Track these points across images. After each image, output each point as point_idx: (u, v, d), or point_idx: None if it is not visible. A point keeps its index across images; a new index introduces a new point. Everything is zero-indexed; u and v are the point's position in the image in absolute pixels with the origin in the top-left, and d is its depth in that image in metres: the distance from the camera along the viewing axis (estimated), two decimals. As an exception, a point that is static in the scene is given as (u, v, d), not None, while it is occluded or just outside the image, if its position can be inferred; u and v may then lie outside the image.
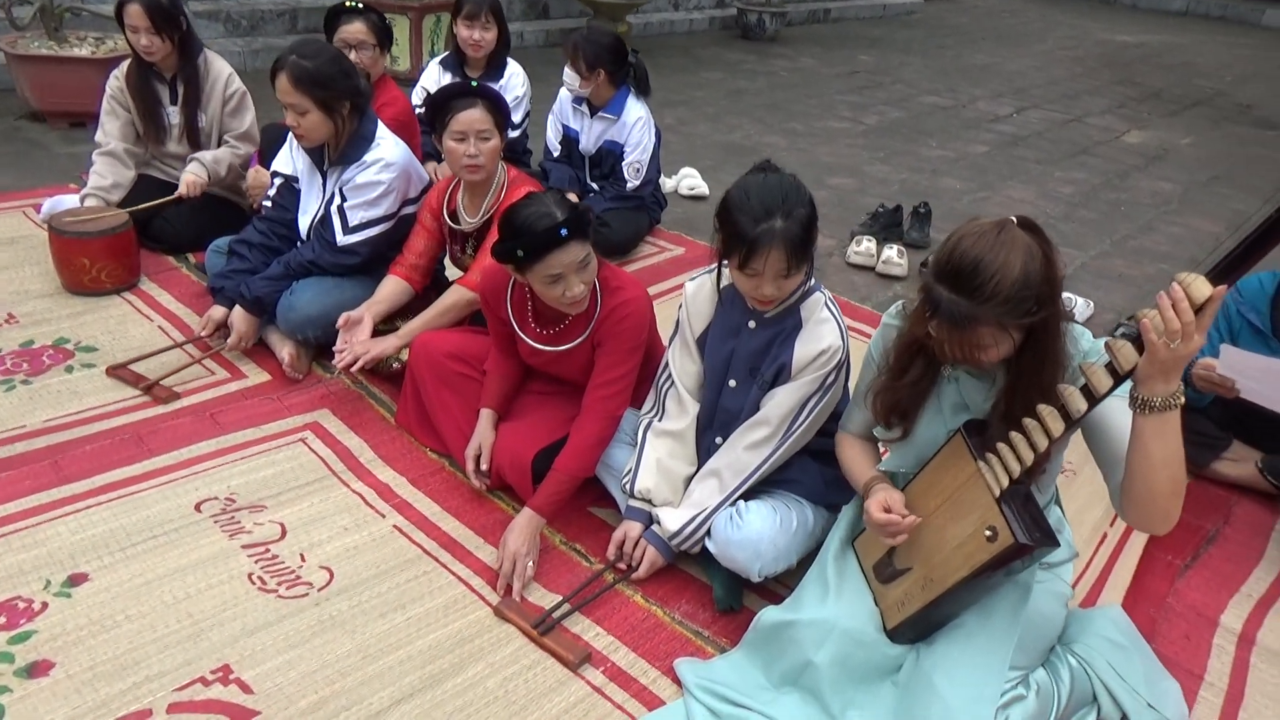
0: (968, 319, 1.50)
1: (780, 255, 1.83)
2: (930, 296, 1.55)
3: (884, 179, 5.33)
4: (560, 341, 2.26)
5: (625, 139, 3.85)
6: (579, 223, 2.00)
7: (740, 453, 2.08)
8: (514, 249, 1.99)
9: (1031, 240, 1.53)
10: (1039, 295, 1.50)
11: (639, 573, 2.13)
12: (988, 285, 1.47)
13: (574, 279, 2.03)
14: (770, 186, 1.85)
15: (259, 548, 2.15)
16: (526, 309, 2.26)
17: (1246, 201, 5.47)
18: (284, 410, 2.67)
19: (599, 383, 2.21)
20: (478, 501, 2.37)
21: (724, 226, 1.89)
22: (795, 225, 1.83)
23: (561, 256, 1.99)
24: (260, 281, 2.80)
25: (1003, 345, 1.55)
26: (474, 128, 2.48)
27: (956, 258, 1.51)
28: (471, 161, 2.50)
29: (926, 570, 1.77)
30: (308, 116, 2.64)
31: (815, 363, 2.00)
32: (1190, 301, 1.34)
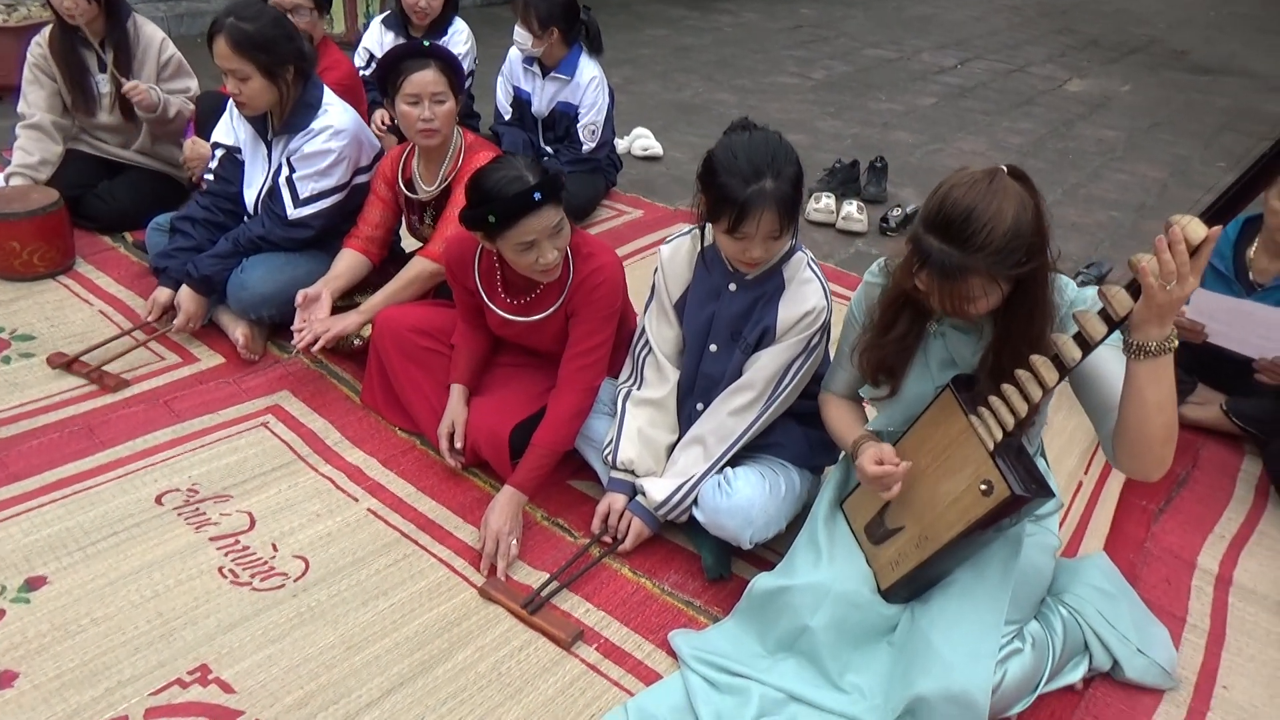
0: (959, 270, 1.47)
1: (772, 217, 1.78)
2: (920, 247, 1.52)
3: (836, 134, 5.30)
4: (532, 311, 2.18)
5: (579, 100, 3.75)
6: (552, 186, 1.92)
7: (724, 419, 2.04)
8: (484, 214, 1.90)
9: (1022, 190, 1.50)
10: (1030, 245, 1.49)
11: (625, 545, 2.09)
12: (979, 235, 1.45)
13: (547, 245, 1.96)
14: (757, 145, 1.79)
15: (228, 539, 2.05)
16: (495, 278, 2.18)
17: (1187, 147, 5.56)
18: (242, 394, 2.56)
19: (574, 353, 2.14)
20: (454, 480, 2.30)
21: (710, 189, 1.83)
22: (785, 185, 1.78)
23: (534, 222, 1.91)
24: (207, 260, 2.66)
25: (992, 296, 1.53)
26: (428, 90, 2.37)
27: (948, 207, 1.48)
28: (427, 126, 2.40)
29: (920, 528, 1.76)
30: (249, 83, 2.50)
31: (800, 324, 1.96)
32: (1186, 243, 1.33)
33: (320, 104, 2.67)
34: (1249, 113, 6.34)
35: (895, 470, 1.69)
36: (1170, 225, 1.34)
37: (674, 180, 4.39)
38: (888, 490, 1.72)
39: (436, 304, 2.47)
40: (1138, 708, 1.81)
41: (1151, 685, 1.84)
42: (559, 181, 1.95)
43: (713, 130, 5.28)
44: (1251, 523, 2.35)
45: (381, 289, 2.52)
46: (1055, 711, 1.78)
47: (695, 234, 2.08)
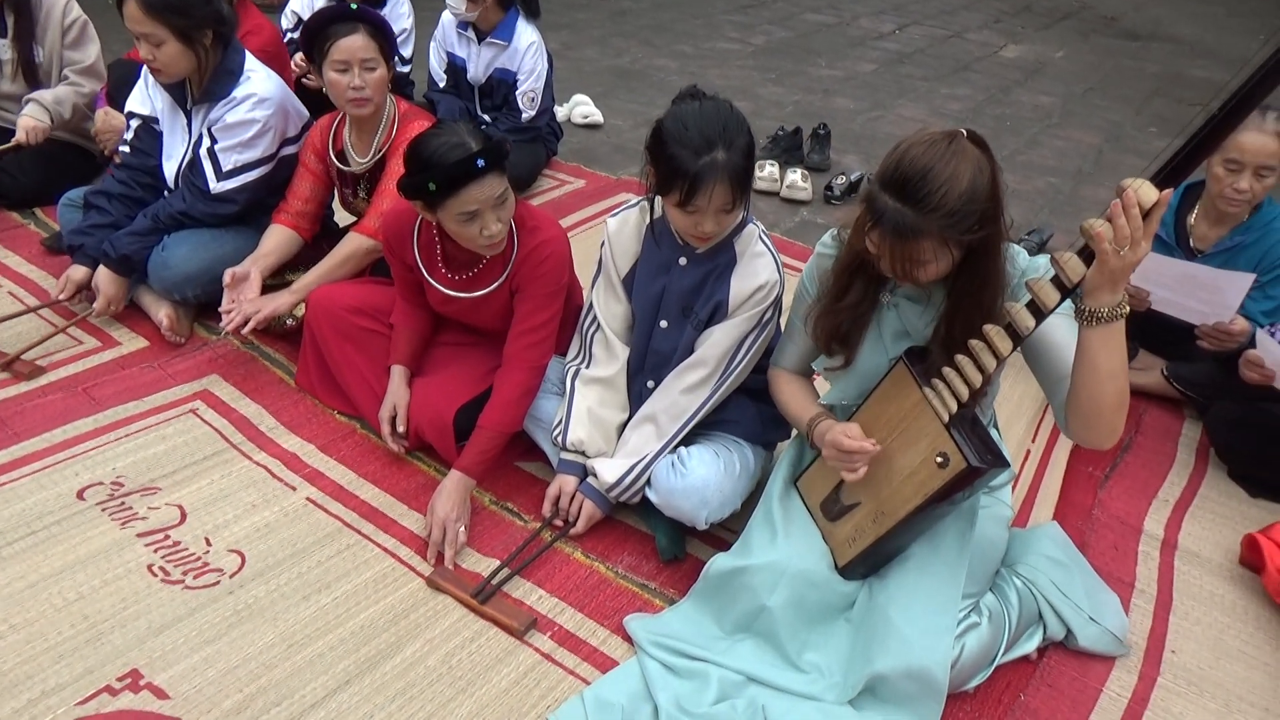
0: (911, 230, 1.45)
1: (725, 189, 1.73)
2: (874, 205, 1.50)
3: (778, 101, 5.25)
4: (474, 287, 2.10)
5: (518, 66, 3.63)
6: (495, 153, 1.83)
7: (677, 396, 1.98)
8: (424, 182, 1.81)
9: (980, 155, 1.48)
10: (983, 211, 1.47)
11: (577, 528, 2.03)
12: (935, 195, 1.42)
13: (490, 217, 1.87)
14: (709, 115, 1.73)
15: (157, 535, 1.94)
16: (435, 252, 2.08)
17: (1120, 113, 5.64)
18: (168, 379, 2.42)
19: (521, 330, 2.07)
20: (396, 465, 2.21)
21: (660, 161, 1.76)
22: (738, 156, 1.73)
23: (477, 191, 1.82)
24: (126, 237, 2.51)
25: (942, 262, 1.51)
26: (357, 56, 2.25)
27: (905, 165, 1.46)
28: (357, 95, 2.28)
29: (876, 504, 1.73)
30: (164, 48, 2.35)
31: (753, 299, 1.91)
32: (1139, 206, 1.32)
33: (242, 71, 2.52)
34: (1177, 79, 6.45)
35: (868, 449, 1.66)
36: (1123, 189, 1.32)
37: (615, 149, 4.30)
38: (854, 470, 1.69)
39: (373, 281, 2.36)
40: (1090, 675, 1.82)
41: (1104, 653, 1.86)
42: (503, 149, 1.86)
43: (653, 97, 5.22)
44: (1193, 486, 2.39)
45: (315, 267, 2.40)
46: (1011, 682, 1.79)
47: (643, 206, 2.01)
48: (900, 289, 1.73)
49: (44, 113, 3.02)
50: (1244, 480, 2.40)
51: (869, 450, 1.67)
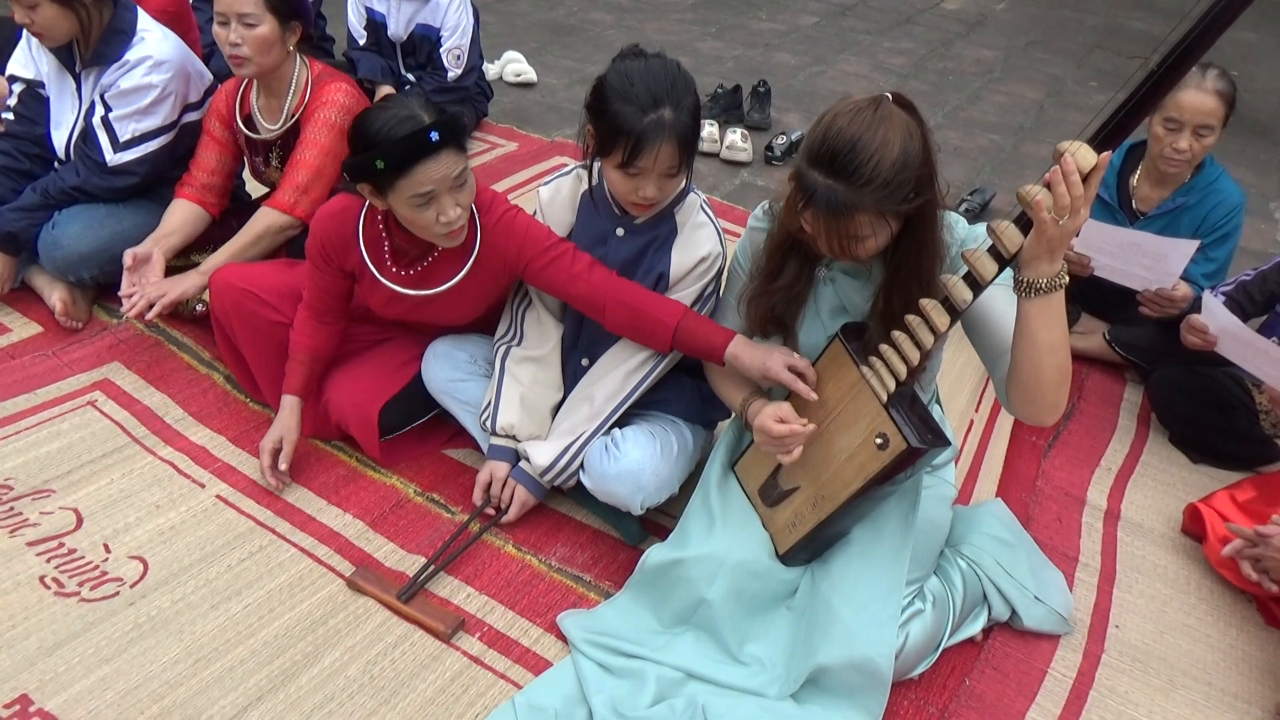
0: (845, 207, 1.38)
1: (671, 150, 1.63)
2: (803, 184, 1.42)
3: (718, 56, 5.10)
4: (429, 282, 1.89)
5: (440, 22, 3.44)
6: (451, 127, 1.66)
7: (614, 375, 1.88)
8: (371, 161, 1.62)
9: (908, 118, 1.41)
10: (918, 178, 1.40)
11: (509, 515, 1.93)
12: (866, 167, 1.35)
13: (448, 200, 1.69)
14: (655, 73, 1.63)
15: (50, 543, 1.80)
16: (383, 248, 1.88)
17: (1061, 66, 5.60)
18: (64, 368, 2.25)
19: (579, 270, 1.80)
20: (316, 456, 2.08)
21: (601, 119, 1.65)
22: (685, 115, 1.63)
23: (432, 169, 1.64)
24: (12, 214, 2.31)
25: (880, 235, 1.43)
26: (234, 9, 2.08)
27: (831, 139, 1.38)
28: (233, 52, 2.11)
29: (816, 488, 1.67)
30: (40, 10, 2.14)
31: (695, 271, 1.82)
32: (1079, 171, 1.25)
33: (135, 31, 2.32)
34: (1117, 30, 6.43)
35: (800, 431, 1.58)
36: (1061, 155, 1.25)
37: (549, 109, 4.13)
38: (788, 453, 1.61)
39: (284, 264, 2.18)
40: (1035, 654, 1.79)
41: (1049, 631, 1.82)
42: (459, 123, 1.69)
43: (589, 54, 5.04)
44: (1135, 454, 2.36)
45: (224, 247, 2.22)
46: (956, 666, 1.74)
47: (578, 173, 1.89)
48: (836, 264, 1.66)
49: None
50: (1185, 446, 2.39)
51: (801, 432, 1.59)
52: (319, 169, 2.20)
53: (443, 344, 2.05)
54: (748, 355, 1.70)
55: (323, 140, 2.20)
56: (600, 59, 4.80)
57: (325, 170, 2.22)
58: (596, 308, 1.81)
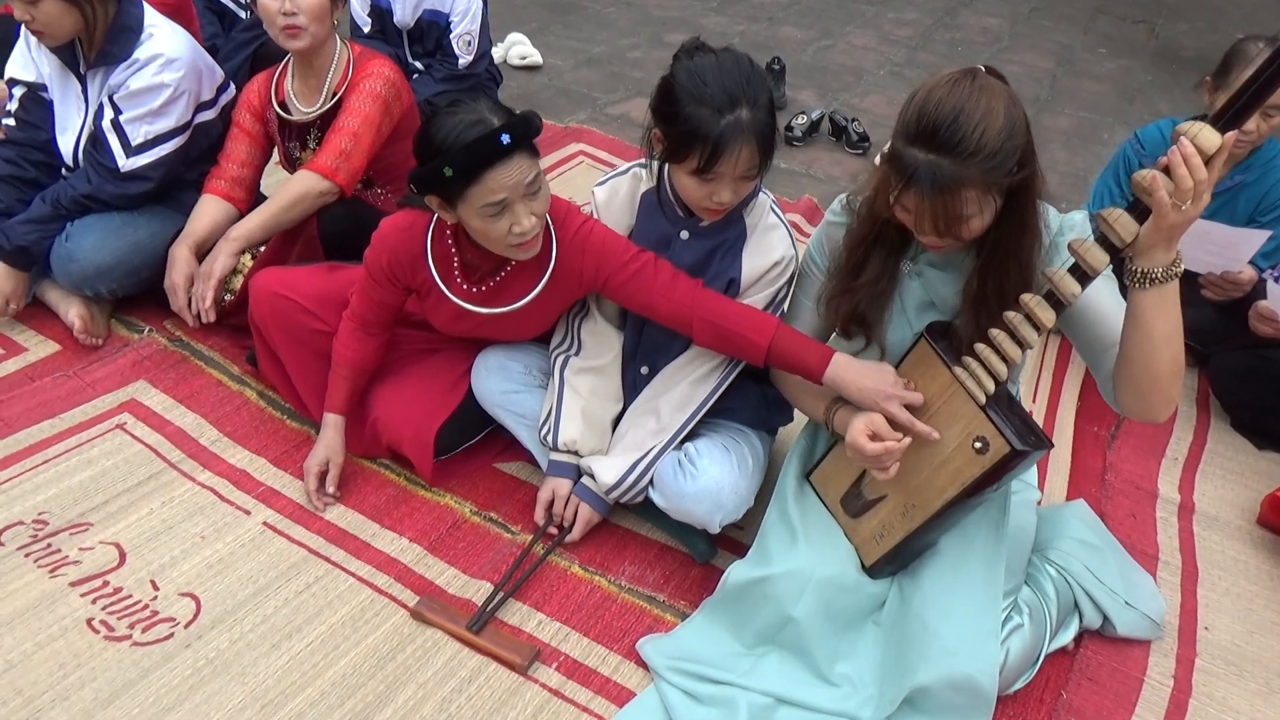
0: (951, 181, 1.31)
1: (751, 152, 1.54)
2: (901, 164, 1.35)
3: (724, 32, 4.96)
4: (499, 299, 1.77)
5: (450, 7, 3.28)
6: (524, 129, 1.54)
7: (682, 386, 1.79)
8: (439, 168, 1.51)
9: (1006, 88, 1.35)
10: (1023, 148, 1.34)
11: (573, 534, 1.85)
12: (972, 137, 1.29)
13: (522, 209, 1.57)
14: (728, 70, 1.52)
15: (94, 581, 1.69)
16: (451, 263, 1.78)
17: (1067, 33, 5.50)
18: (87, 389, 2.13)
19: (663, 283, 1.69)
20: (362, 477, 1.98)
21: (672, 123, 1.55)
22: (763, 114, 1.54)
23: (504, 175, 1.53)
24: (21, 226, 2.18)
25: (986, 212, 1.37)
26: None
27: (930, 112, 1.32)
28: (289, 21, 2.00)
29: (905, 496, 1.60)
30: (42, 6, 2.00)
31: (767, 276, 1.73)
32: (1201, 154, 1.19)
33: (142, 27, 2.18)
34: (1119, -5, 6.34)
35: (896, 447, 1.50)
36: (1179, 137, 1.19)
37: (559, 93, 4.00)
38: (885, 470, 1.53)
39: (325, 269, 2.05)
40: (1129, 662, 1.73)
41: (1140, 637, 1.76)
42: (532, 124, 1.57)
43: (593, 33, 4.89)
44: (1200, 441, 2.30)
45: (255, 211, 2.10)
46: (1050, 679, 1.68)
47: (636, 172, 1.79)
48: (924, 256, 1.58)
49: None
50: (1248, 431, 2.33)
51: (897, 449, 1.52)
52: (360, 136, 2.12)
53: (494, 355, 1.95)
54: (855, 387, 1.58)
55: (366, 109, 2.11)
56: (604, 38, 4.66)
57: (365, 138, 2.13)
58: (682, 324, 1.71)
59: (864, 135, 3.74)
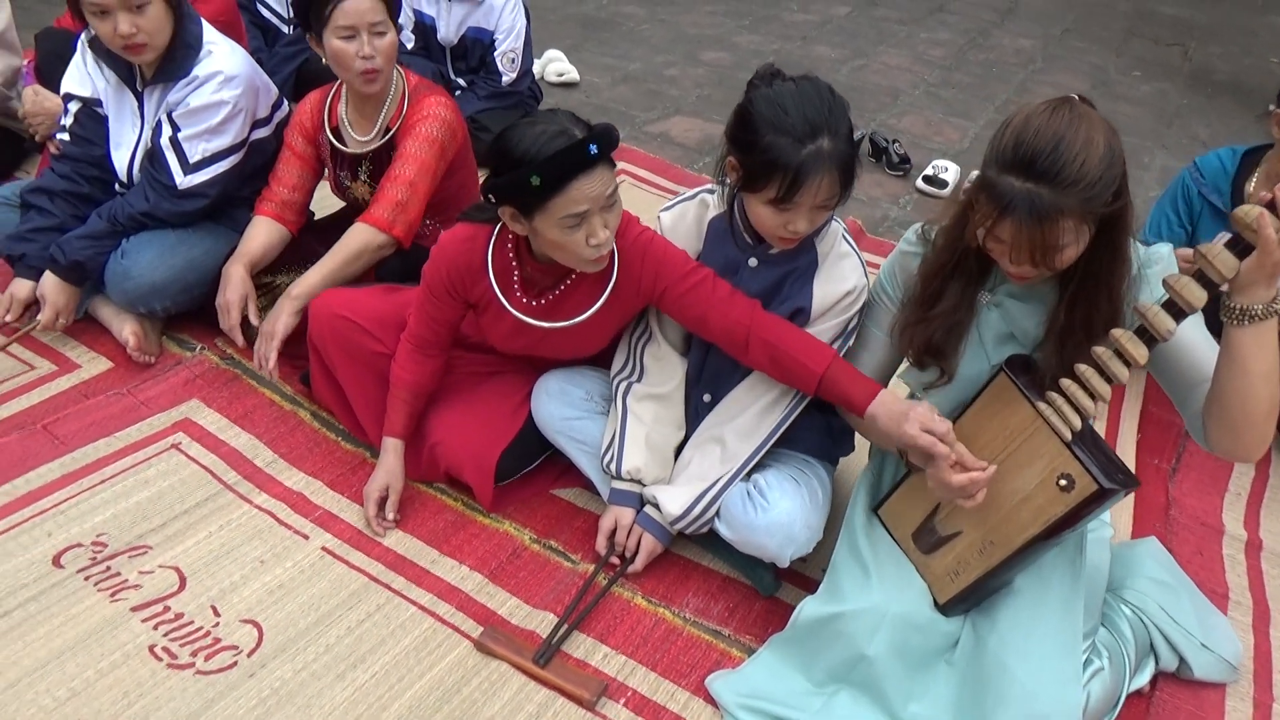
0: (1050, 210, 1.29)
1: (832, 181, 1.52)
2: (996, 193, 1.33)
3: (757, 50, 4.96)
4: (561, 313, 1.76)
5: (494, 24, 3.29)
6: (608, 140, 1.54)
7: (748, 414, 1.77)
8: (524, 178, 1.49)
9: (1102, 118, 1.34)
10: (1120, 179, 1.33)
11: (636, 565, 1.82)
12: (1072, 166, 1.28)
13: (598, 221, 1.56)
14: (809, 97, 1.51)
15: (155, 607, 1.67)
16: (511, 276, 1.77)
17: (1100, 55, 5.48)
18: (140, 407, 2.11)
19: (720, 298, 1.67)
20: (420, 501, 1.96)
21: (749, 151, 1.53)
22: (843, 143, 1.52)
23: (588, 186, 1.52)
24: (77, 241, 2.16)
25: (1080, 242, 1.36)
26: (365, 20, 1.95)
27: (1029, 140, 1.30)
28: (368, 65, 1.98)
29: (982, 533, 1.56)
30: (148, 11, 1.99)
31: (839, 305, 1.70)
32: None
33: (201, 44, 2.17)
34: (1149, 16, 6.32)
35: (981, 477, 1.48)
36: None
37: (597, 110, 3.99)
38: (971, 500, 1.50)
39: (385, 290, 2.04)
40: (1206, 707, 1.69)
41: (1216, 680, 1.73)
42: (614, 136, 1.56)
43: (628, 50, 4.89)
44: (1262, 475, 2.26)
45: (317, 267, 2.07)
46: (1126, 722, 1.64)
47: (703, 198, 1.78)
48: (1003, 287, 1.56)
49: None
50: (1311, 465, 2.29)
51: (982, 478, 1.49)
52: (416, 184, 2.09)
53: (555, 380, 1.93)
54: (886, 416, 1.59)
55: (423, 156, 2.08)
56: (639, 55, 4.66)
57: (421, 186, 2.10)
58: (737, 343, 1.69)
59: (905, 157, 3.71)
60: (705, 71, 4.56)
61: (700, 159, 3.66)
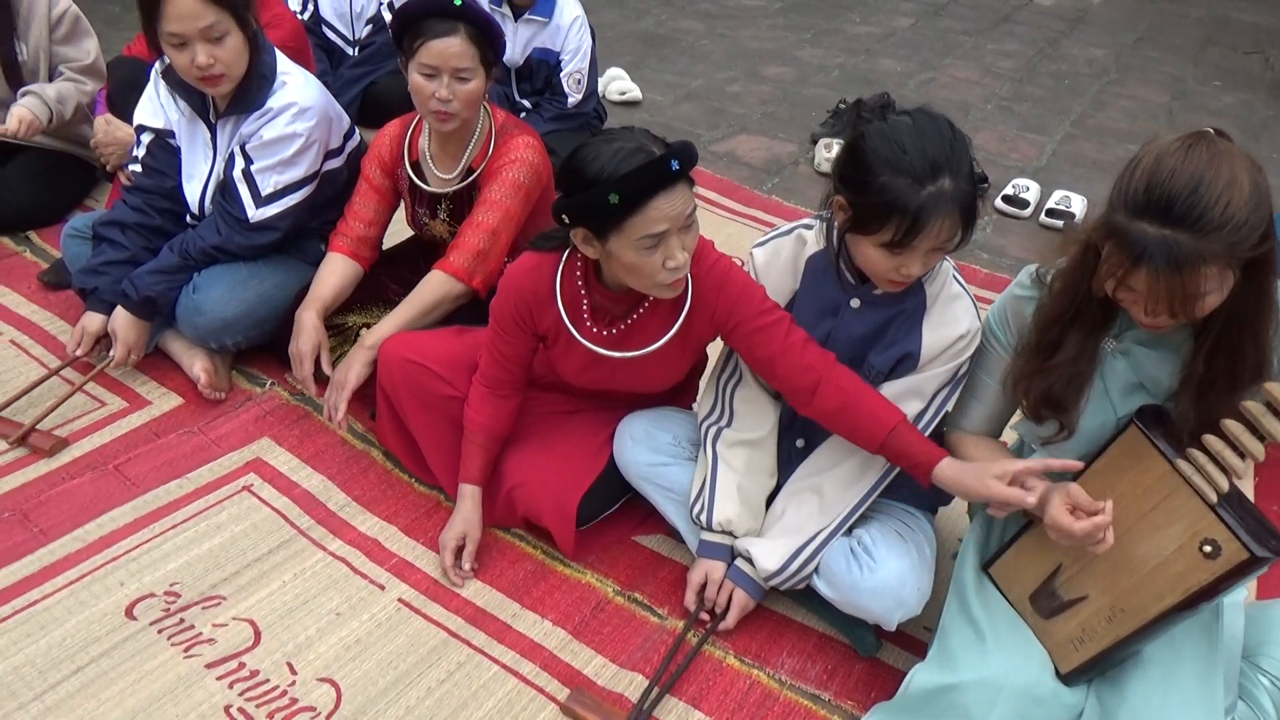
0: (1191, 258, 1.18)
1: (953, 224, 1.42)
2: (1127, 241, 1.22)
3: (821, 65, 4.84)
4: (632, 343, 1.68)
5: (561, 45, 3.23)
6: (688, 157, 1.45)
7: (849, 464, 1.66)
8: (602, 196, 1.41)
9: (1243, 152, 1.22)
10: (1267, 218, 1.20)
11: (727, 621, 1.72)
12: (1214, 210, 1.17)
13: (676, 242, 1.47)
14: (928, 134, 1.40)
15: (230, 663, 1.61)
16: (580, 306, 1.69)
17: (1177, 65, 5.29)
18: (211, 446, 2.06)
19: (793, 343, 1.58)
20: (494, 547, 1.88)
21: (863, 192, 1.43)
22: (965, 183, 1.41)
23: (668, 204, 1.43)
24: (149, 276, 2.12)
25: (1224, 288, 1.24)
26: (450, 64, 1.87)
27: (1163, 183, 1.19)
28: (442, 108, 1.90)
29: (1112, 598, 1.44)
30: (227, 42, 1.95)
31: (950, 350, 1.59)
32: None
33: (275, 75, 2.12)
34: (1226, 24, 6.09)
35: (1104, 519, 1.36)
36: None
37: (660, 129, 3.90)
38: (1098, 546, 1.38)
39: (454, 332, 1.96)
40: (1355, 789, 1.54)
41: (1364, 759, 1.58)
42: (694, 153, 1.47)
43: (688, 66, 4.81)
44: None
45: (392, 315, 2.00)
46: (1270, 806, 1.50)
47: (800, 234, 1.67)
48: (1130, 333, 1.44)
49: (43, 108, 2.60)
50: None
51: (1105, 520, 1.37)
52: (499, 233, 2.00)
53: (639, 423, 1.84)
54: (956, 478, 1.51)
55: (508, 203, 1.99)
56: (700, 71, 4.57)
57: (504, 235, 2.02)
58: (803, 390, 1.59)
59: (982, 175, 3.57)
60: (769, 88, 4.45)
61: (768, 180, 3.56)
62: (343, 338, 2.18)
